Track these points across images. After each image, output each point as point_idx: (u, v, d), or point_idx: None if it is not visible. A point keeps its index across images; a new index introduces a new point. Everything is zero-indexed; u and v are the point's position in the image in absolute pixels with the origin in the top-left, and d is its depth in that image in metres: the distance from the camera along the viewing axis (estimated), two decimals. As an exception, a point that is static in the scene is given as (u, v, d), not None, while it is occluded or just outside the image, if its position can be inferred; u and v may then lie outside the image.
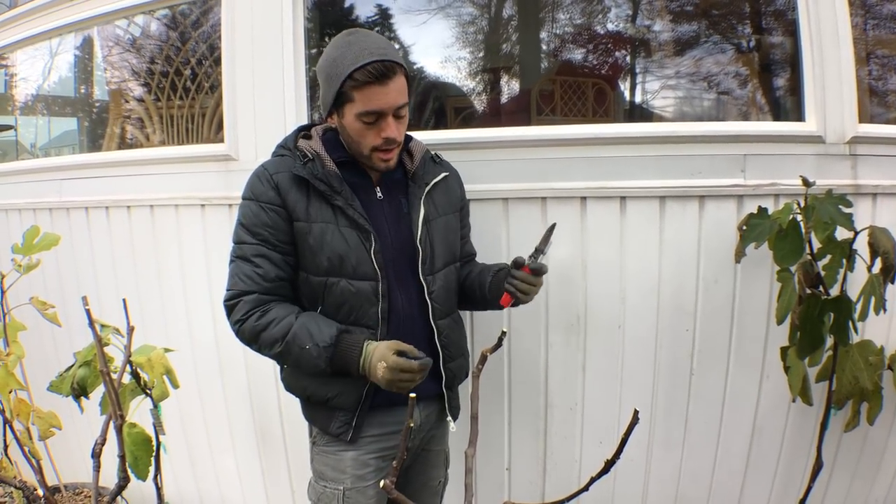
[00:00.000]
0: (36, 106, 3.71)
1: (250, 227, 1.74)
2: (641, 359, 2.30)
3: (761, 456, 2.37)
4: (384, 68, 1.63)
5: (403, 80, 1.70)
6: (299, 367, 1.75)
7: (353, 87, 1.65)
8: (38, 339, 2.88)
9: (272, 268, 1.73)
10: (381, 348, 1.65)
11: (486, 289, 1.91)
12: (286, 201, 1.72)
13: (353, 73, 1.63)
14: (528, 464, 2.44)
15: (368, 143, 1.71)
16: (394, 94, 1.67)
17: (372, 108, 1.66)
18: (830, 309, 1.99)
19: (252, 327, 1.71)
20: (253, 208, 1.74)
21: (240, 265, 1.75)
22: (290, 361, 1.76)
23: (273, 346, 1.70)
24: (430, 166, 1.93)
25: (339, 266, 1.73)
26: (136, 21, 3.10)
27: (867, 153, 2.20)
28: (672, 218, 2.20)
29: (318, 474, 1.89)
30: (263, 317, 1.71)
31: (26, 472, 2.59)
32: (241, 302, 1.73)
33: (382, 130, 1.69)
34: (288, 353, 1.70)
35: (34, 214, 2.95)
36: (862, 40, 2.47)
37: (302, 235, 1.73)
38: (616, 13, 3.70)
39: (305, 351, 1.67)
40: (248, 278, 1.73)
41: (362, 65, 1.62)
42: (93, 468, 1.90)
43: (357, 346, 1.68)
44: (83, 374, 2.07)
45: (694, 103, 3.47)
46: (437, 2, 3.57)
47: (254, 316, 1.71)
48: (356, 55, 1.64)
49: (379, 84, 1.64)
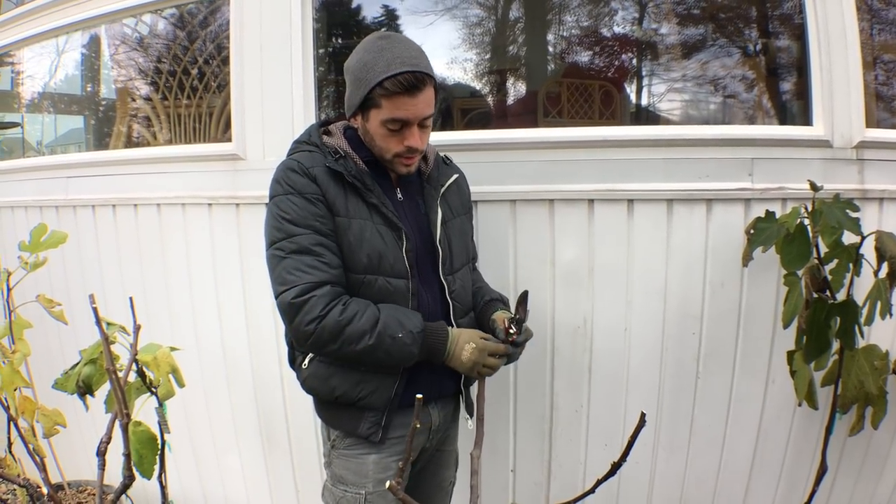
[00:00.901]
0: (42, 103, 3.71)
1: (299, 220, 1.66)
2: (647, 361, 2.30)
3: (766, 459, 2.37)
4: (415, 80, 1.62)
5: (432, 91, 1.70)
6: (390, 357, 1.67)
7: (382, 94, 1.64)
8: (44, 336, 2.88)
9: (334, 257, 1.67)
10: (467, 332, 1.75)
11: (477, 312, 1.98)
12: (327, 195, 1.69)
13: (383, 80, 1.62)
14: (533, 465, 2.44)
15: (391, 149, 1.71)
16: (422, 105, 1.67)
17: (398, 117, 1.66)
18: (837, 313, 1.99)
19: (336, 322, 1.62)
20: (298, 201, 1.67)
21: (299, 258, 1.65)
22: (380, 353, 1.66)
23: (362, 339, 1.63)
24: (443, 168, 1.94)
25: (378, 264, 1.71)
26: (143, 20, 3.10)
27: (874, 158, 2.20)
28: (679, 221, 2.20)
29: (336, 478, 1.84)
30: (346, 309, 1.63)
31: (30, 470, 2.59)
32: (313, 297, 1.62)
33: (406, 139, 1.69)
34: (380, 345, 1.64)
35: (40, 212, 2.95)
36: (868, 45, 2.47)
37: (342, 231, 1.70)
38: (623, 16, 3.70)
39: (398, 339, 1.65)
40: (315, 269, 1.64)
41: (394, 74, 1.61)
42: (98, 466, 1.90)
43: (443, 330, 1.73)
44: (89, 371, 2.06)
45: (700, 106, 3.46)
46: (444, 3, 3.58)
47: (336, 310, 1.62)
48: (388, 63, 1.62)
49: (408, 95, 1.63)
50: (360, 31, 3.62)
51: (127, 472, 1.94)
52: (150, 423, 2.00)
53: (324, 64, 2.95)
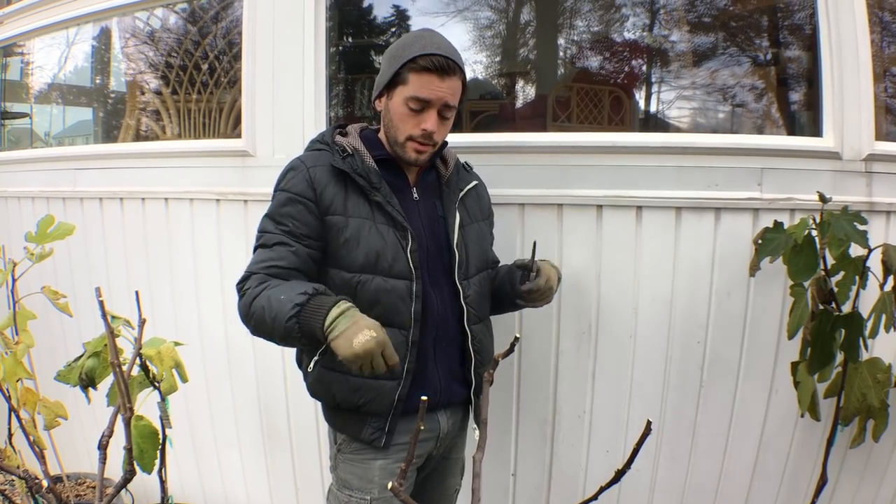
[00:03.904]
0: (51, 95, 3.71)
1: (275, 216, 1.71)
2: (651, 369, 2.30)
3: (766, 469, 2.37)
4: (446, 64, 1.68)
5: (460, 84, 1.74)
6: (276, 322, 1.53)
7: (412, 69, 1.68)
8: (47, 328, 2.88)
9: (292, 257, 1.67)
10: (374, 321, 1.50)
11: (517, 282, 1.89)
12: (322, 195, 1.70)
13: (416, 57, 1.67)
14: (534, 470, 2.43)
15: (406, 131, 1.72)
16: (446, 89, 1.69)
17: (422, 95, 1.68)
18: (842, 325, 2.00)
19: (249, 295, 1.60)
20: (281, 199, 1.71)
21: (259, 253, 1.70)
22: (267, 318, 1.55)
23: (255, 302, 1.58)
24: (463, 174, 1.95)
25: (375, 263, 1.70)
26: (156, 13, 3.10)
27: (883, 171, 2.20)
28: (688, 229, 2.20)
29: (342, 483, 1.82)
30: (261, 284, 1.60)
31: (29, 461, 2.59)
32: (250, 279, 1.65)
33: (423, 122, 1.70)
34: (266, 307, 1.55)
35: (47, 203, 2.96)
36: (877, 57, 2.47)
37: (337, 230, 1.70)
38: (633, 22, 3.70)
39: (282, 300, 1.52)
40: (262, 262, 1.66)
41: (428, 53, 1.67)
42: (99, 460, 1.88)
43: (336, 300, 1.52)
44: (92, 364, 2.06)
45: (709, 115, 3.46)
46: (456, 5, 3.58)
47: (253, 287, 1.62)
48: (425, 45, 1.69)
49: (437, 75, 1.67)
50: (371, 30, 3.63)
51: (128, 467, 1.93)
52: (152, 417, 2.00)
53: (334, 63, 2.95)
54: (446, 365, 1.82)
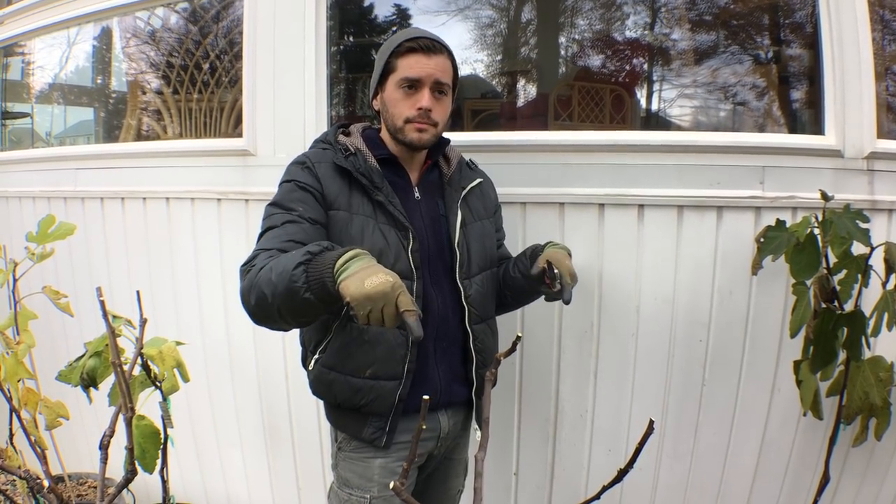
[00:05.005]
0: (52, 94, 3.71)
1: (283, 202, 1.66)
2: (653, 367, 2.30)
3: (769, 467, 2.36)
4: (430, 43, 1.72)
5: (449, 63, 1.77)
6: (279, 282, 1.39)
7: (398, 54, 1.72)
8: (48, 328, 2.88)
9: (304, 234, 1.58)
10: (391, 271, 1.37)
11: (529, 270, 1.85)
12: (327, 190, 1.69)
13: (401, 42, 1.72)
14: (536, 469, 2.43)
15: (403, 113, 1.73)
16: (434, 66, 1.71)
17: (411, 75, 1.71)
18: (844, 324, 2.00)
19: (256, 269, 1.49)
20: (289, 187, 1.69)
21: (268, 234, 1.61)
22: (273, 277, 1.41)
23: (261, 272, 1.46)
24: (466, 172, 1.94)
25: (378, 262, 1.67)
26: (156, 13, 3.10)
27: (884, 169, 2.20)
28: (689, 227, 2.20)
29: (342, 481, 1.83)
30: (272, 258, 1.49)
31: (31, 461, 2.59)
32: (258, 256, 1.53)
33: (418, 101, 1.71)
34: (274, 266, 1.43)
35: (48, 203, 2.95)
36: (878, 56, 2.47)
37: (343, 225, 1.69)
38: (635, 20, 3.70)
39: (288, 256, 1.42)
40: (273, 239, 1.57)
41: (412, 37, 1.72)
42: (100, 460, 1.89)
43: (346, 250, 1.40)
44: (93, 364, 2.06)
45: (710, 113, 3.46)
46: (457, 4, 3.58)
47: (262, 262, 1.50)
48: (408, 33, 1.75)
49: (423, 54, 1.71)
50: (371, 29, 3.62)
51: (129, 466, 1.93)
52: (154, 417, 2.00)
53: (335, 62, 2.95)
54: (447, 365, 1.82)
